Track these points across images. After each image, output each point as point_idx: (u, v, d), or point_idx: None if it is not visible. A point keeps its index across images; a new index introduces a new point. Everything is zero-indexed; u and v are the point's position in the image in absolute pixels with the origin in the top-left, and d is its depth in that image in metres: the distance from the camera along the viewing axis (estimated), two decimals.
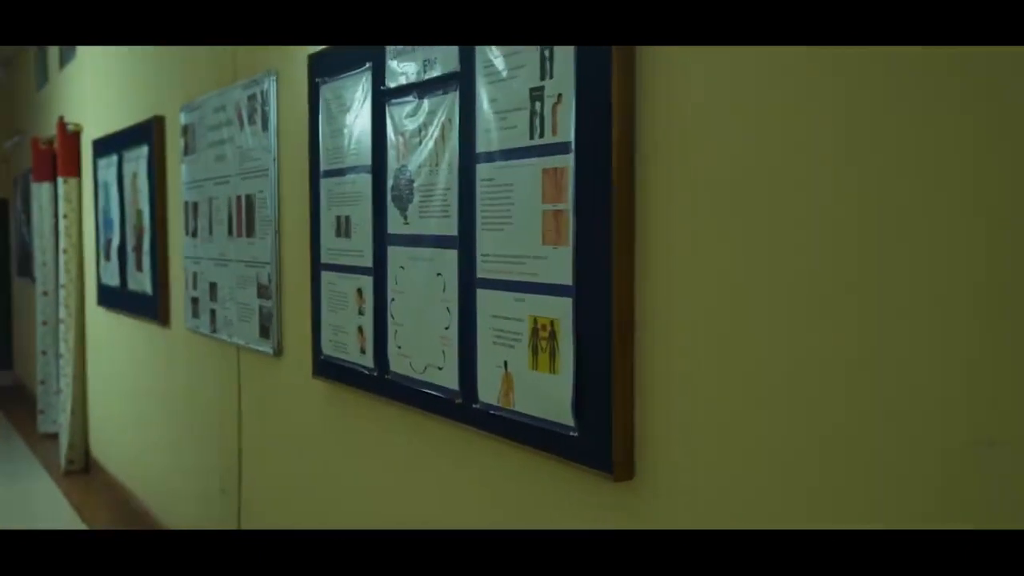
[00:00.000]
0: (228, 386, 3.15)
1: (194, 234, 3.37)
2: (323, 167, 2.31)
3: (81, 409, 5.35)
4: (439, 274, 1.84)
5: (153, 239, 3.86)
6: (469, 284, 1.74)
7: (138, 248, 4.07)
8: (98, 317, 4.95)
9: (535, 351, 1.57)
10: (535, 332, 1.57)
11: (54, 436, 5.85)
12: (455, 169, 1.78)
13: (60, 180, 5.29)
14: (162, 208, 3.79)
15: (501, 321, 1.65)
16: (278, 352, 2.72)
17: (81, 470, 5.32)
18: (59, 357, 5.40)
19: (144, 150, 3.92)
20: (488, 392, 1.70)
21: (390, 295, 2.02)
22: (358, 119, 2.13)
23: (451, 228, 1.79)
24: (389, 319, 2.03)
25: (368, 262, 2.11)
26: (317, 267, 2.36)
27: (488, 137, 1.67)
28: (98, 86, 4.84)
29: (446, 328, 1.82)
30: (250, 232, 2.86)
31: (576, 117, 1.46)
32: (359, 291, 2.16)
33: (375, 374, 2.11)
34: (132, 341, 4.37)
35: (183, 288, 3.54)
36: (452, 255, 1.79)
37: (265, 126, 2.72)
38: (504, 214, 1.63)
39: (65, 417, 5.33)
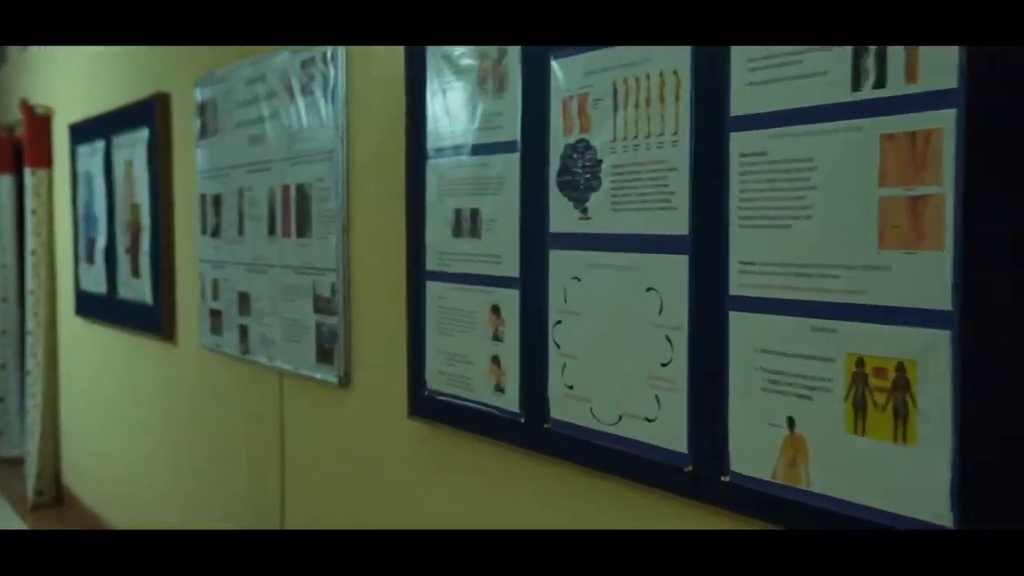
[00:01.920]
0: (265, 421, 2.59)
1: (215, 233, 2.80)
2: (432, 145, 1.78)
3: (52, 433, 4.70)
4: (651, 289, 1.32)
5: (155, 239, 3.26)
6: (714, 304, 1.22)
7: (133, 249, 3.46)
8: (75, 329, 4.32)
9: (860, 407, 1.06)
10: (860, 379, 1.06)
11: (14, 461, 5.17)
12: (686, 141, 1.26)
13: (27, 171, 4.64)
14: (167, 202, 3.20)
15: (781, 359, 1.14)
16: (344, 382, 2.17)
17: (52, 502, 4.68)
18: (26, 373, 4.74)
19: (142, 134, 3.32)
20: (752, 461, 1.18)
21: (553, 316, 1.50)
22: (498, 79, 1.60)
23: (676, 225, 1.28)
24: (551, 348, 1.50)
25: (512, 270, 1.58)
26: (419, 276, 1.82)
27: (753, 94, 1.16)
28: (75, 63, 4.21)
29: (663, 364, 1.30)
30: (303, 231, 2.31)
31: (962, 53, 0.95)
32: (494, 309, 1.63)
33: (521, 420, 1.58)
34: (122, 358, 3.76)
35: (197, 298, 2.96)
36: (678, 263, 1.28)
37: (330, 97, 2.17)
38: (789, 204, 1.12)
39: (33, 442, 4.67)
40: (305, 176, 2.29)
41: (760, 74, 1.15)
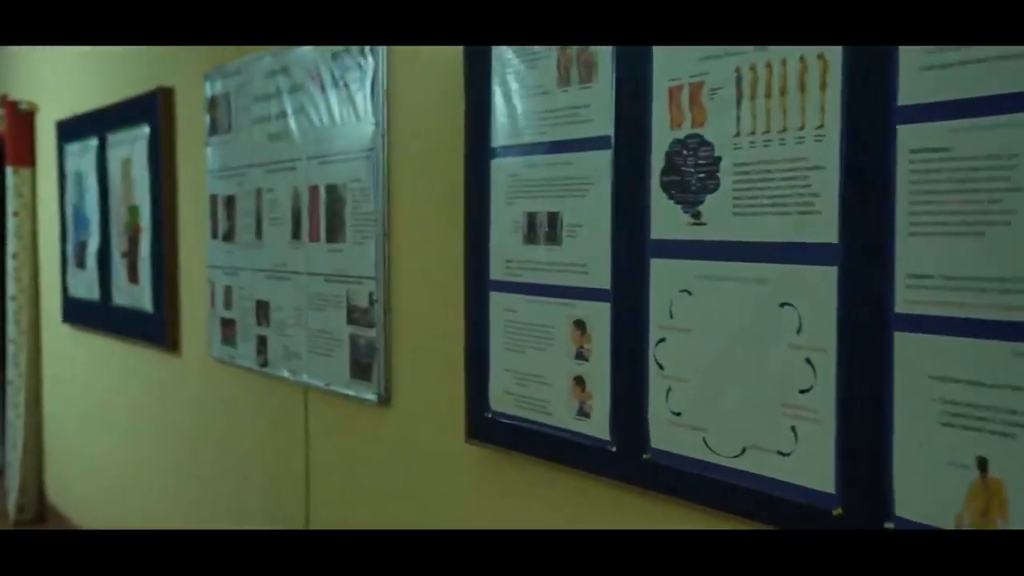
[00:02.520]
0: (286, 440, 2.39)
1: (227, 237, 2.60)
2: (498, 142, 1.60)
3: (35, 446, 4.46)
4: (786, 304, 1.15)
5: (156, 243, 3.06)
6: (873, 323, 1.06)
7: (130, 253, 3.25)
8: (61, 337, 4.08)
9: None
10: None
11: None
12: (835, 136, 1.10)
13: (8, 171, 4.39)
14: (170, 203, 3.00)
15: (969, 389, 0.98)
16: (384, 400, 1.99)
17: (35, 518, 4.44)
18: (7, 383, 4.49)
19: (142, 131, 3.11)
20: (925, 506, 1.02)
21: (655, 333, 1.33)
22: (584, 67, 1.43)
23: (821, 231, 1.11)
24: (651, 369, 1.33)
25: (601, 281, 1.41)
26: (481, 286, 1.65)
27: (930, 79, 1.00)
28: (62, 57, 3.97)
29: (802, 391, 1.14)
30: (334, 235, 2.12)
31: None
32: (578, 324, 1.46)
33: (612, 449, 1.40)
34: (116, 370, 3.54)
35: (205, 306, 2.76)
36: (823, 275, 1.11)
37: (369, 90, 1.98)
38: (981, 208, 0.96)
39: (15, 455, 4.43)
40: (337, 176, 2.10)
41: (940, 56, 0.99)
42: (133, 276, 3.23)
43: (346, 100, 2.06)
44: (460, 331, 1.72)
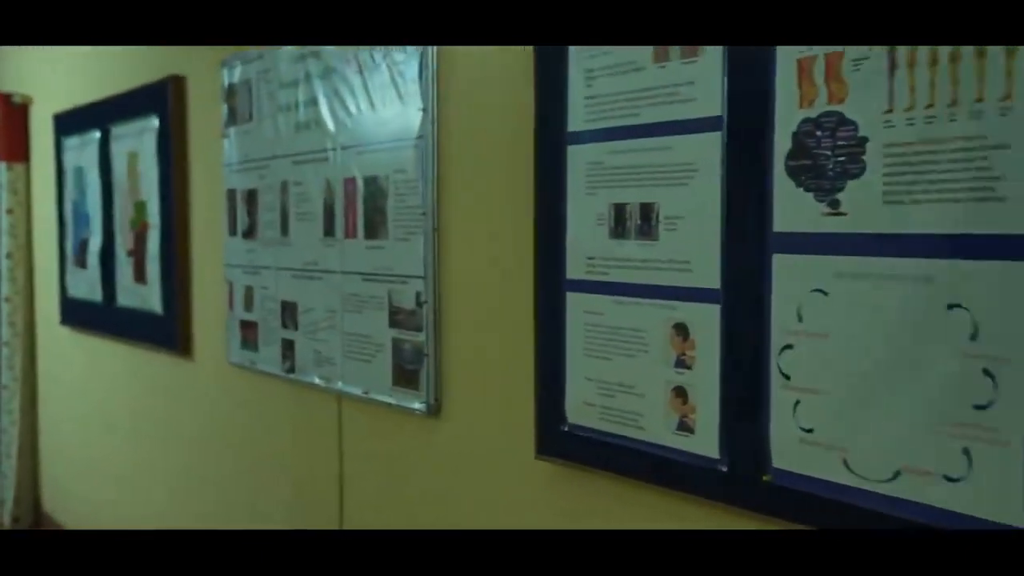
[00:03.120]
0: (317, 451, 2.22)
1: (248, 233, 2.43)
2: (577, 126, 1.44)
3: (30, 453, 4.26)
4: (956, 306, 0.99)
5: (166, 240, 2.87)
6: None
7: (137, 252, 3.07)
8: (59, 340, 3.88)
9: None
10: None
11: None
12: None
13: (1, 166, 4.19)
14: (182, 199, 2.81)
15: None
16: (434, 409, 1.82)
17: (30, 529, 4.24)
18: (1, 388, 4.28)
19: (151, 122, 2.93)
20: None
21: (778, 339, 1.17)
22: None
23: (1007, 221, 0.96)
24: (773, 380, 1.17)
25: (708, 280, 1.25)
26: (555, 285, 1.48)
27: None
28: (58, 48, 3.77)
29: (979, 407, 0.98)
30: (374, 231, 1.95)
31: None
32: (679, 328, 1.29)
33: (722, 469, 1.24)
34: (119, 375, 3.35)
35: (222, 308, 2.58)
36: (1006, 272, 0.95)
37: (416, 72, 1.82)
38: None
39: (9, 464, 4.22)
40: (378, 167, 1.93)
41: None
42: (140, 276, 3.05)
43: (388, 84, 1.89)
44: (526, 335, 1.56)
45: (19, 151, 4.22)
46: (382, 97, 1.91)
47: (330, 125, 2.08)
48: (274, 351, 2.33)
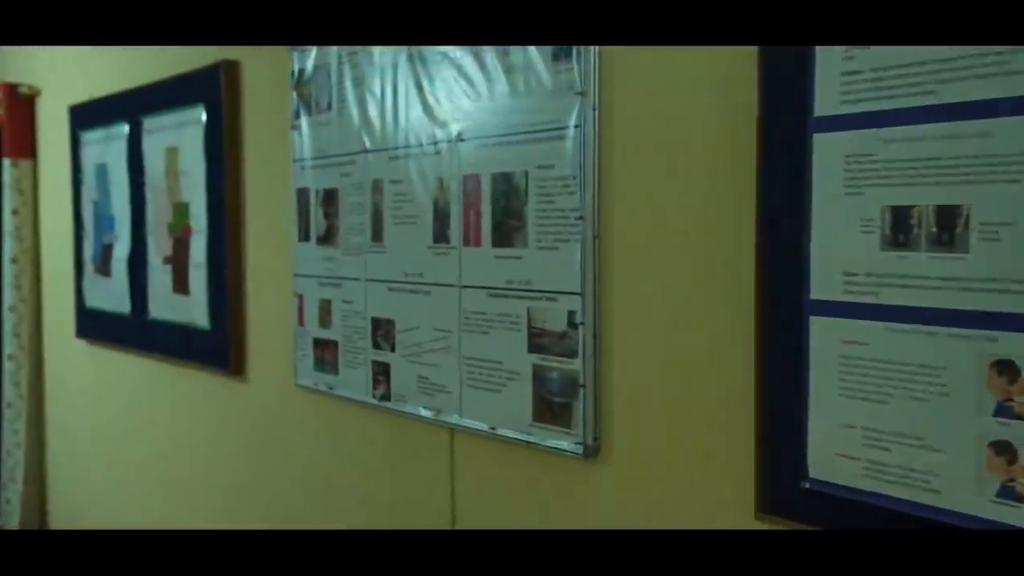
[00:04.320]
0: (419, 494, 1.92)
1: (324, 240, 2.12)
2: (826, 109, 1.16)
3: (38, 479, 3.90)
4: None
5: (215, 246, 2.56)
6: None
7: (177, 259, 2.74)
8: (75, 354, 3.54)
9: None
10: None
11: None
12: None
13: (5, 163, 3.84)
14: (235, 200, 2.50)
15: None
16: (591, 452, 1.53)
17: None
18: (4, 406, 3.91)
19: (195, 114, 2.61)
20: None
21: None
22: None
23: None
24: None
25: None
26: (794, 306, 1.20)
27: None
28: None
29: None
30: (507, 238, 1.66)
31: None
32: (1002, 367, 1.01)
33: None
34: (150, 395, 3.02)
35: (286, 322, 2.27)
36: None
37: (572, 49, 1.52)
38: None
39: (14, 490, 3.87)
40: (513, 161, 1.64)
41: None
42: (181, 286, 2.73)
43: (527, 64, 1.60)
44: (739, 365, 1.27)
45: (25, 146, 3.87)
46: (519, 78, 1.62)
47: (442, 113, 1.78)
48: (360, 375, 2.03)
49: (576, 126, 1.52)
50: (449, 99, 1.76)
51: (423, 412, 1.86)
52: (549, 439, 1.59)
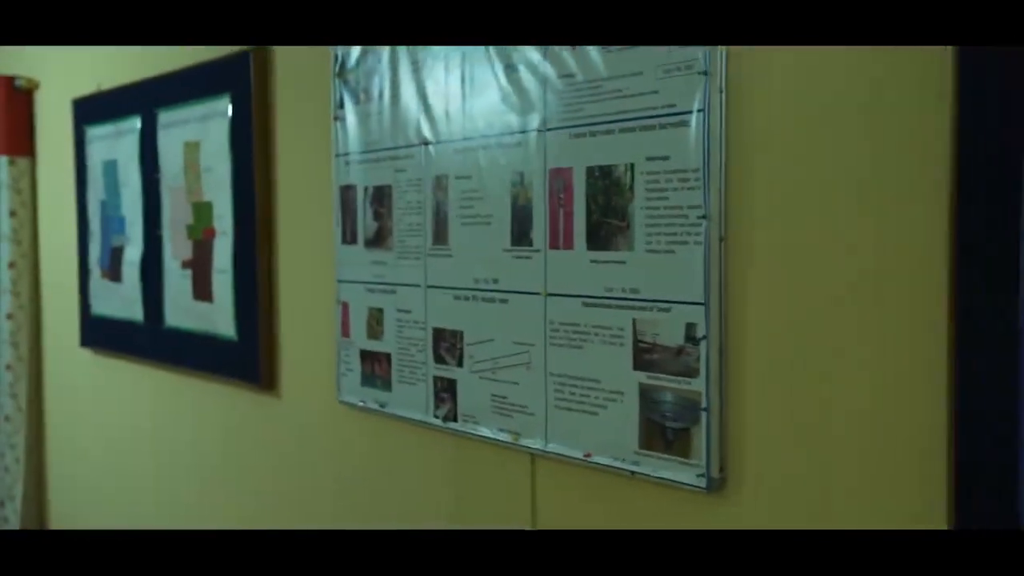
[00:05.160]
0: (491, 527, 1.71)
1: (373, 242, 1.92)
2: None
3: (37, 499, 3.67)
4: None
5: (243, 249, 2.34)
6: None
7: (198, 263, 2.52)
8: (80, 365, 3.30)
9: None
10: None
11: None
12: None
13: (2, 161, 3.60)
14: (266, 199, 2.28)
15: None
16: (716, 485, 1.33)
17: None
18: (4, 420, 3.67)
19: (219, 105, 2.39)
20: None
21: None
22: None
23: None
24: None
25: None
26: (1006, 329, 1.00)
27: None
28: None
29: None
30: (607, 239, 1.45)
31: None
32: None
33: None
34: (168, 407, 2.79)
35: (326, 332, 2.06)
36: None
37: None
38: None
39: (13, 508, 3.63)
40: (615, 152, 1.44)
41: None
42: (203, 292, 2.51)
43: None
44: (912, 395, 1.07)
45: (23, 143, 3.64)
46: (619, 56, 1.42)
47: (524, 99, 1.58)
48: (419, 392, 1.82)
49: (699, 110, 1.31)
50: (533, 82, 1.56)
51: (497, 434, 1.65)
52: (661, 470, 1.39)
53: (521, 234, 1.59)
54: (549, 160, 1.54)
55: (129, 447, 3.00)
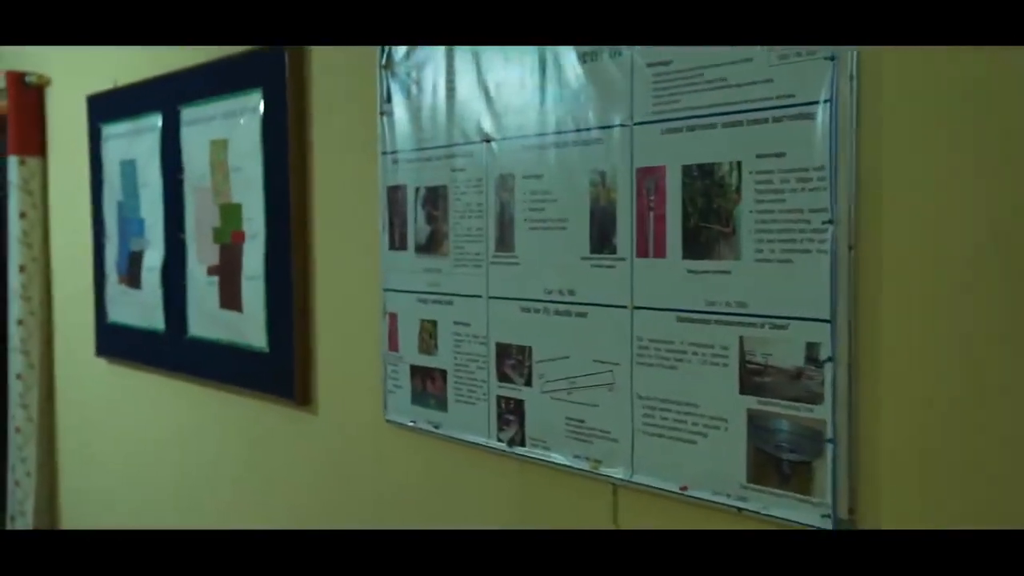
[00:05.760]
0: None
1: (424, 248, 1.76)
2: None
3: (49, 513, 3.50)
4: None
5: (275, 254, 2.18)
6: None
7: (225, 269, 2.36)
8: (94, 375, 3.14)
9: None
10: None
11: None
12: None
13: (12, 160, 3.44)
14: (301, 201, 2.12)
15: None
16: (844, 527, 1.16)
17: None
18: (12, 432, 3.51)
19: (250, 101, 2.24)
20: None
21: None
22: None
23: None
24: None
25: None
26: None
27: None
28: None
29: None
30: (707, 247, 1.30)
31: None
32: None
33: None
34: (191, 421, 2.63)
35: (369, 346, 1.91)
36: None
37: None
38: None
39: (25, 524, 3.47)
40: (718, 149, 1.28)
41: None
42: (231, 301, 2.35)
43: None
44: None
45: (34, 142, 3.48)
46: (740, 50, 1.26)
47: (607, 90, 1.42)
48: (479, 412, 1.66)
49: (825, 101, 1.15)
50: (616, 71, 1.40)
51: (574, 462, 1.49)
52: (775, 507, 1.23)
53: (602, 240, 1.43)
54: (637, 158, 1.38)
55: (147, 461, 2.84)
